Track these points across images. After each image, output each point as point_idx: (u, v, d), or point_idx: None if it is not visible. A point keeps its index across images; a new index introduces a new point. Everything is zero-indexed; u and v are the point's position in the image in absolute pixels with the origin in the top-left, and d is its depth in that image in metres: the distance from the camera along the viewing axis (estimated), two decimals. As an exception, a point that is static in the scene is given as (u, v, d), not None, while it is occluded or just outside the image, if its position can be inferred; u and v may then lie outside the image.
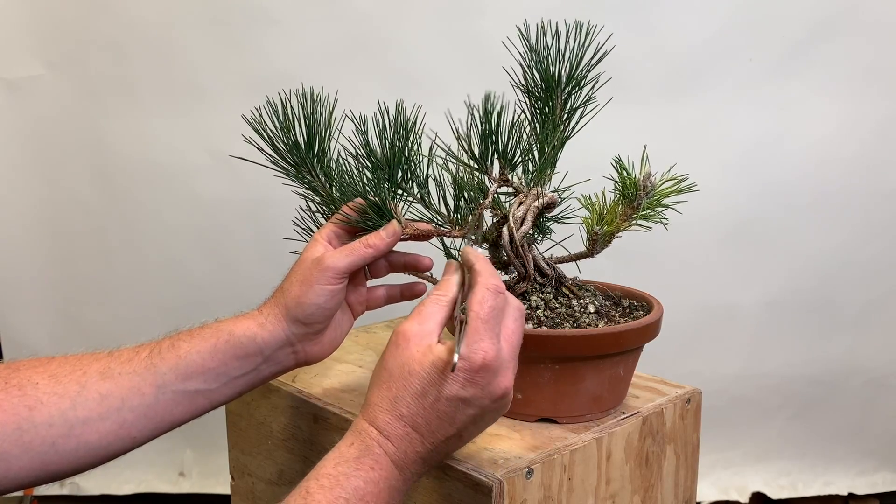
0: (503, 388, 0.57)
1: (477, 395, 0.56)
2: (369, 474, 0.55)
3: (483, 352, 0.56)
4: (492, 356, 0.56)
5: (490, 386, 0.56)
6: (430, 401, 0.57)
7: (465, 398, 0.56)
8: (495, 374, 0.56)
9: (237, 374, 0.68)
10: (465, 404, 0.56)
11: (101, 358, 0.65)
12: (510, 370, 0.58)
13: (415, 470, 0.58)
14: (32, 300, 1.53)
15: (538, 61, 0.76)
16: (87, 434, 0.62)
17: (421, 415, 0.57)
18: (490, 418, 0.59)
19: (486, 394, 0.56)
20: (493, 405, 0.57)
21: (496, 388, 0.56)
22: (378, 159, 0.76)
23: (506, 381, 0.57)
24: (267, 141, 0.76)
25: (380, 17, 1.34)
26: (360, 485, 0.55)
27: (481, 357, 0.55)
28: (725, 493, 1.54)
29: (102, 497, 1.59)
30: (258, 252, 1.43)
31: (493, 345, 0.56)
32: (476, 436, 0.60)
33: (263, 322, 0.67)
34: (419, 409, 0.57)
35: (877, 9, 1.33)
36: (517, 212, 0.73)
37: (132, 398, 0.64)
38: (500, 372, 0.57)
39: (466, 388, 0.56)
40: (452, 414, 0.57)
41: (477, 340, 0.56)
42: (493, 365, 0.56)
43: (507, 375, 0.57)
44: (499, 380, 0.57)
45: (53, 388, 0.61)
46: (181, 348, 0.66)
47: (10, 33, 1.40)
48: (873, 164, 1.40)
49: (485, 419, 0.58)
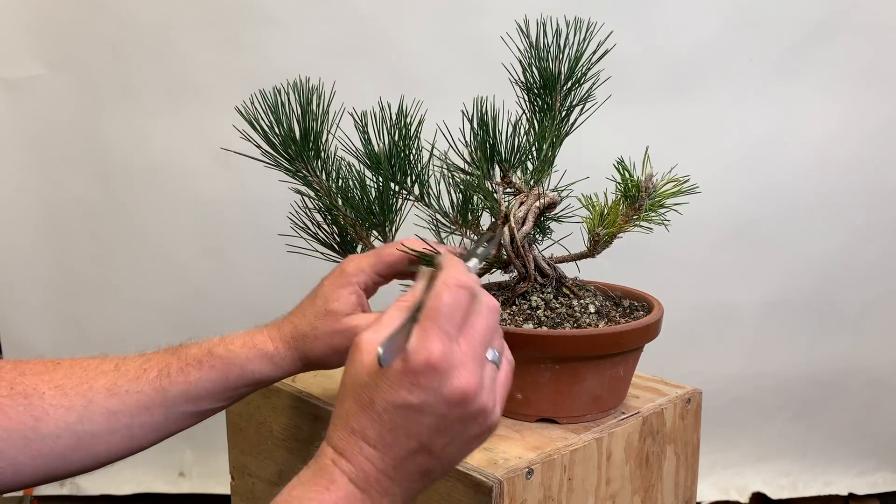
0: (459, 390, 0.49)
1: (427, 400, 0.49)
2: (323, 496, 0.50)
3: (427, 350, 0.48)
4: (437, 355, 0.48)
5: (442, 389, 0.48)
6: (379, 411, 0.50)
7: (413, 404, 0.49)
8: (446, 376, 0.48)
9: (247, 393, 0.69)
10: (416, 412, 0.49)
11: (107, 372, 0.64)
12: (469, 372, 0.49)
13: (383, 489, 0.51)
14: (32, 300, 1.53)
15: (537, 58, 0.76)
16: (97, 446, 0.62)
17: (373, 428, 0.50)
18: (460, 429, 0.51)
19: (438, 399, 0.49)
20: (452, 412, 0.49)
21: (449, 391, 0.48)
22: (378, 157, 0.76)
23: (461, 382, 0.49)
24: (261, 134, 0.75)
25: (380, 16, 1.34)
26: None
27: (424, 356, 0.48)
28: (725, 493, 1.54)
29: (102, 497, 1.59)
30: (258, 252, 1.43)
31: (442, 342, 0.48)
32: (463, 453, 0.54)
33: (280, 364, 0.67)
34: (369, 422, 0.50)
35: (877, 9, 1.33)
36: (518, 212, 0.73)
37: (141, 416, 0.64)
38: (451, 373, 0.48)
39: (413, 392, 0.48)
40: (405, 424, 0.50)
41: (422, 339, 0.48)
42: (441, 365, 0.48)
43: (462, 377, 0.49)
44: (452, 381, 0.48)
45: (60, 401, 0.61)
46: (191, 375, 0.65)
47: (10, 33, 1.40)
48: (873, 164, 1.40)
49: (452, 429, 0.51)
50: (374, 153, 0.76)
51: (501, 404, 0.54)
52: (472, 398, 0.50)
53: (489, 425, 0.52)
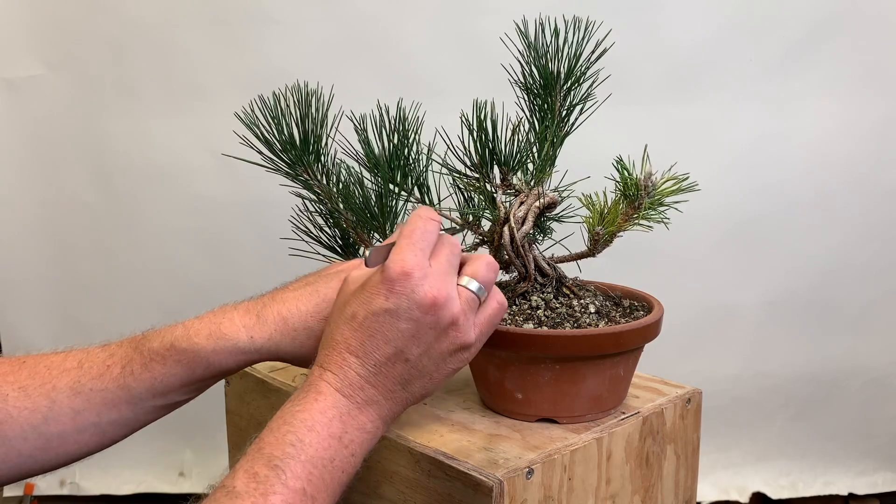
0: (430, 295, 0.55)
1: (402, 305, 0.55)
2: (313, 405, 0.55)
3: (402, 261, 0.55)
4: (411, 264, 0.55)
5: (415, 293, 0.55)
6: (360, 321, 0.56)
7: (389, 309, 0.55)
8: (419, 283, 0.55)
9: (216, 382, 0.67)
10: (393, 316, 0.55)
11: (70, 370, 0.63)
12: (440, 282, 0.56)
13: (367, 396, 0.56)
14: (32, 300, 1.53)
15: (536, 58, 0.76)
16: (67, 446, 0.62)
17: (354, 337, 0.56)
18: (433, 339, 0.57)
19: (412, 303, 0.55)
20: (425, 318, 0.56)
21: (422, 295, 0.55)
22: (377, 159, 0.76)
23: (433, 290, 0.55)
24: (261, 139, 0.75)
25: (380, 16, 1.34)
26: (305, 416, 0.54)
27: (400, 265, 0.55)
28: (725, 493, 1.54)
29: (102, 497, 1.59)
30: (258, 252, 1.43)
31: (415, 255, 0.56)
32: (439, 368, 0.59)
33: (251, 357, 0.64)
34: (350, 332, 0.56)
35: (877, 9, 1.33)
36: (518, 212, 0.73)
37: (108, 413, 0.62)
38: (424, 281, 0.55)
39: (389, 298, 0.55)
40: (383, 329, 0.56)
41: (397, 252, 0.56)
42: (415, 273, 0.55)
43: (434, 286, 0.56)
44: (424, 288, 0.55)
45: (23, 403, 0.60)
46: (155, 371, 0.62)
47: (10, 33, 1.40)
48: (873, 163, 1.40)
49: (425, 336, 0.56)
50: (374, 156, 0.76)
51: (480, 336, 0.60)
52: (443, 305, 0.56)
53: (462, 343, 0.58)
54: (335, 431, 0.54)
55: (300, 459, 0.52)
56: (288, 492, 0.51)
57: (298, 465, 0.52)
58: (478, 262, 0.60)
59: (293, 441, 0.53)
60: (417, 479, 0.67)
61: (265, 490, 0.50)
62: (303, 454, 0.52)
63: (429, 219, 0.59)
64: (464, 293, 0.59)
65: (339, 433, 0.55)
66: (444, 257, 0.59)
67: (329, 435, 0.54)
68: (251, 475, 0.51)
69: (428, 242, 0.58)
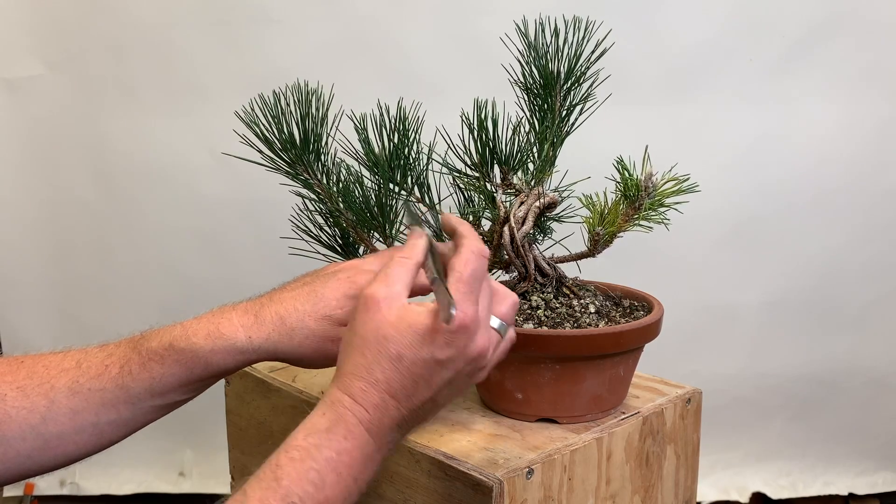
0: (479, 348, 0.55)
1: (453, 356, 0.55)
2: (342, 444, 0.53)
3: (463, 313, 0.54)
4: (471, 317, 0.54)
5: (467, 348, 0.55)
6: (407, 364, 0.54)
7: (441, 360, 0.54)
8: (473, 337, 0.55)
9: (215, 381, 0.66)
10: (441, 366, 0.55)
11: (68, 370, 0.62)
12: (487, 333, 0.56)
13: (391, 438, 0.56)
14: (32, 300, 1.53)
15: (536, 58, 0.76)
16: (65, 446, 0.61)
17: (397, 380, 0.54)
18: (463, 382, 0.57)
19: (462, 356, 0.55)
20: (467, 368, 0.56)
21: (473, 349, 0.55)
22: (377, 158, 0.76)
23: (482, 342, 0.56)
24: (261, 138, 0.75)
25: (380, 16, 1.34)
26: (332, 455, 0.53)
27: (461, 318, 0.54)
28: (725, 493, 1.54)
29: (102, 497, 1.59)
30: (258, 252, 1.43)
31: (473, 306, 0.55)
32: (449, 401, 0.59)
33: (249, 356, 0.63)
34: (395, 374, 0.54)
35: (877, 9, 1.33)
36: (518, 212, 0.73)
37: (107, 413, 0.62)
38: (477, 334, 0.55)
39: (444, 349, 0.54)
40: (429, 377, 0.55)
41: (460, 303, 0.54)
42: (472, 327, 0.54)
43: (483, 337, 0.56)
44: (476, 343, 0.55)
45: (22, 403, 0.60)
46: (154, 370, 0.62)
47: (10, 33, 1.40)
48: (873, 163, 1.40)
49: (458, 382, 0.57)
50: (374, 155, 0.76)
51: (494, 365, 0.60)
52: (485, 356, 0.56)
53: (478, 379, 0.59)
54: (355, 473, 0.54)
55: (317, 499, 0.52)
56: None
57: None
58: (507, 304, 0.59)
59: (315, 480, 0.52)
60: (417, 479, 0.67)
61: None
62: (321, 494, 0.52)
63: (482, 256, 0.57)
64: (494, 337, 0.58)
65: (357, 474, 0.54)
66: (486, 301, 0.57)
67: (349, 476, 0.54)
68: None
69: (480, 286, 0.57)
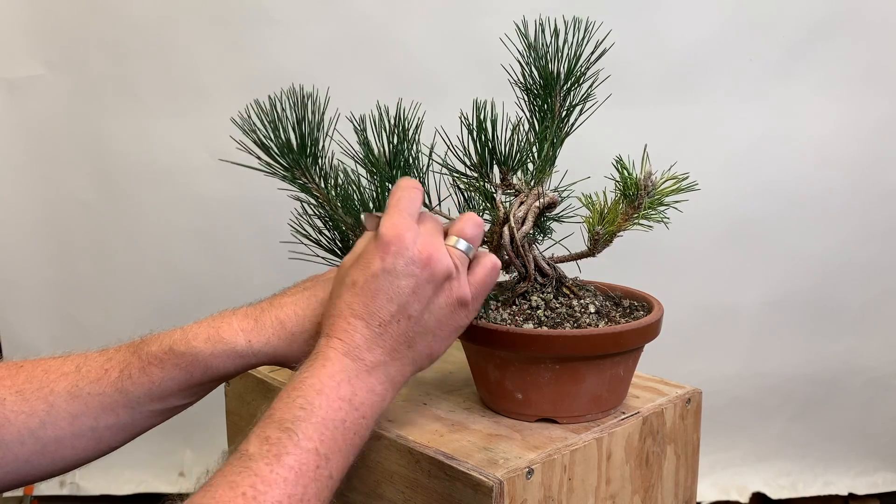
0: (425, 252, 0.58)
1: (399, 264, 0.58)
2: (321, 370, 0.56)
3: (394, 225, 0.58)
4: (402, 226, 0.58)
5: (409, 251, 0.58)
6: (361, 285, 0.58)
7: (388, 269, 0.58)
8: (412, 241, 0.58)
9: (216, 386, 0.67)
10: (391, 275, 0.58)
11: (68, 374, 0.63)
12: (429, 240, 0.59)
13: (375, 359, 0.58)
14: (32, 300, 1.53)
15: (536, 58, 0.76)
16: (63, 451, 0.62)
17: (356, 301, 0.58)
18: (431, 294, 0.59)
19: (408, 261, 0.58)
20: (423, 272, 0.58)
21: (416, 252, 0.58)
22: (376, 159, 0.76)
23: (426, 247, 0.59)
24: (257, 142, 0.75)
25: (380, 16, 1.34)
26: (314, 381, 0.55)
27: (392, 229, 0.58)
28: (725, 493, 1.54)
29: (102, 497, 1.59)
30: (258, 252, 1.43)
31: (404, 219, 0.59)
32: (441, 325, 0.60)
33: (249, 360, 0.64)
34: (352, 297, 0.58)
35: (877, 9, 1.33)
36: (518, 212, 0.73)
37: (106, 417, 0.62)
38: (417, 240, 0.59)
39: (386, 259, 0.58)
40: (384, 288, 0.58)
41: (388, 217, 0.59)
42: (406, 234, 0.58)
43: (427, 242, 0.59)
44: (417, 246, 0.58)
45: (21, 407, 0.60)
46: (153, 374, 0.63)
47: (10, 33, 1.40)
48: (873, 163, 1.40)
49: (424, 291, 0.59)
50: (373, 156, 0.76)
51: (476, 293, 0.62)
52: (438, 260, 0.59)
53: (458, 298, 0.61)
54: (344, 394, 0.55)
55: (311, 422, 0.53)
56: (301, 452, 0.52)
57: (310, 427, 0.53)
58: (462, 220, 0.63)
59: (303, 405, 0.54)
60: (417, 479, 0.67)
61: (278, 451, 0.51)
62: (313, 416, 0.53)
63: (412, 188, 0.62)
64: (453, 252, 0.61)
65: (348, 395, 0.56)
66: (429, 222, 0.62)
67: (338, 397, 0.55)
68: (263, 439, 0.52)
69: (415, 208, 0.62)
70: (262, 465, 0.50)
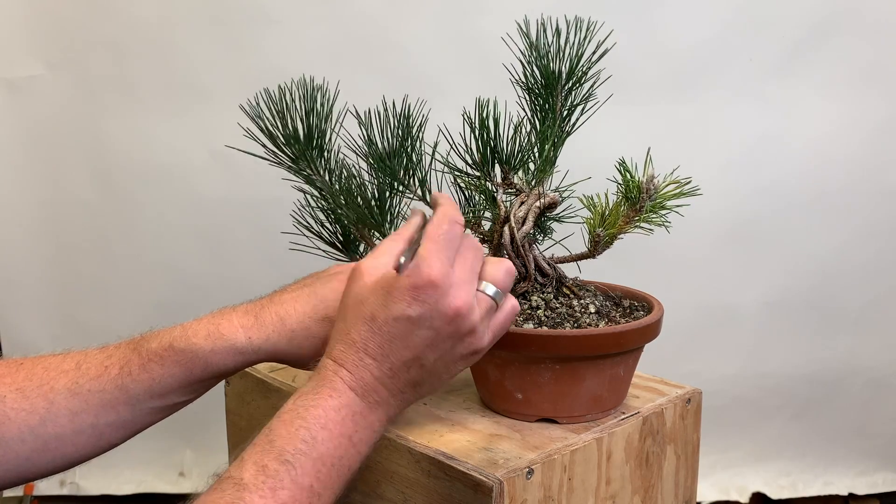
0: (454, 307, 0.55)
1: (425, 313, 0.55)
2: (328, 402, 0.55)
3: (429, 268, 0.54)
4: (438, 273, 0.54)
5: (439, 304, 0.55)
6: (380, 323, 0.55)
7: (412, 317, 0.55)
8: (444, 293, 0.55)
9: (216, 383, 0.67)
10: (415, 324, 0.55)
11: (68, 371, 0.63)
12: (464, 293, 0.56)
13: (380, 397, 0.56)
14: (32, 300, 1.53)
15: (538, 58, 0.76)
16: (64, 448, 0.61)
17: (372, 339, 0.56)
18: (450, 346, 0.57)
19: (435, 313, 0.55)
20: (447, 327, 0.55)
21: (445, 306, 0.55)
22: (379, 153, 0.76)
23: (457, 301, 0.55)
24: (265, 132, 0.75)
25: (380, 16, 1.34)
26: (319, 413, 0.54)
27: (426, 273, 0.54)
28: (725, 493, 1.54)
29: (102, 497, 1.59)
30: (258, 252, 1.43)
31: (441, 263, 0.55)
32: (450, 371, 0.59)
33: (249, 357, 0.64)
34: (370, 334, 0.56)
35: (877, 9, 1.33)
36: (518, 212, 0.73)
37: (106, 415, 0.62)
38: (449, 291, 0.55)
39: (413, 306, 0.54)
40: (404, 335, 0.55)
41: (425, 258, 0.55)
42: (441, 282, 0.54)
43: (458, 296, 0.55)
44: (448, 299, 0.55)
45: (21, 405, 0.60)
46: (153, 371, 0.62)
47: (10, 33, 1.40)
48: (873, 163, 1.40)
49: (443, 345, 0.56)
50: (377, 152, 0.76)
51: (492, 340, 0.60)
52: (465, 316, 0.56)
53: (476, 349, 0.58)
54: (347, 431, 0.55)
55: (311, 457, 0.53)
56: (296, 488, 0.51)
57: (309, 463, 0.52)
58: (498, 267, 0.60)
59: (305, 437, 0.53)
60: (417, 479, 0.67)
61: (274, 485, 0.51)
62: (314, 451, 0.53)
63: (454, 222, 0.58)
64: (483, 300, 0.58)
65: (350, 432, 0.55)
66: (468, 264, 0.58)
67: (340, 434, 0.54)
68: (261, 468, 0.51)
69: (454, 248, 0.57)
70: (256, 497, 0.50)
